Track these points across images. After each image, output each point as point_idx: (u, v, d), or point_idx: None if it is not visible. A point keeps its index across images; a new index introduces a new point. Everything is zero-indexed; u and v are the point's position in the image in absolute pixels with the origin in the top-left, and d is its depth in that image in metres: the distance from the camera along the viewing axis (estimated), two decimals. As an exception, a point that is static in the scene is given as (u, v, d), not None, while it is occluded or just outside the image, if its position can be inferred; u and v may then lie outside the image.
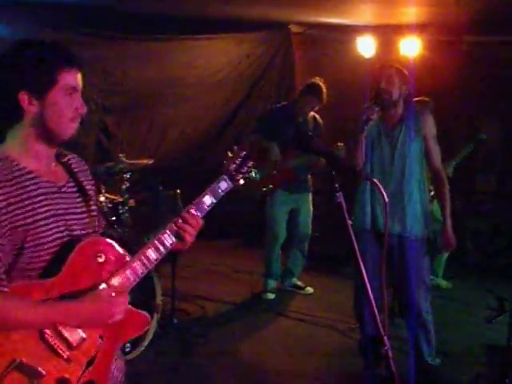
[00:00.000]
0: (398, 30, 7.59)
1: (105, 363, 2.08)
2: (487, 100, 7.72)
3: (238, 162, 2.49)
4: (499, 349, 4.63)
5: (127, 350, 4.16)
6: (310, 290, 6.46)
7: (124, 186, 5.39)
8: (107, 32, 7.41)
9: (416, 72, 6.98)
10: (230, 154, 2.52)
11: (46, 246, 2.00)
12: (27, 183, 1.99)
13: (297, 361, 4.81)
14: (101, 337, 2.06)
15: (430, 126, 4.18)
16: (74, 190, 2.17)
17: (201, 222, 2.28)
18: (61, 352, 1.98)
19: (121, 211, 5.26)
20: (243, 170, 2.47)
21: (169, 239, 2.21)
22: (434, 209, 6.38)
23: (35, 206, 1.99)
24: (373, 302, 2.16)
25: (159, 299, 4.67)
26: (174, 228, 2.22)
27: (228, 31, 8.11)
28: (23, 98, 1.99)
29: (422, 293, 4.20)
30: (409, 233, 4.14)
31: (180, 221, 2.22)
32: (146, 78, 7.76)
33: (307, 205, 6.35)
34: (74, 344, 2.00)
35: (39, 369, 1.94)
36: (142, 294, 4.11)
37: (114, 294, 2.04)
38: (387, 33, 7.75)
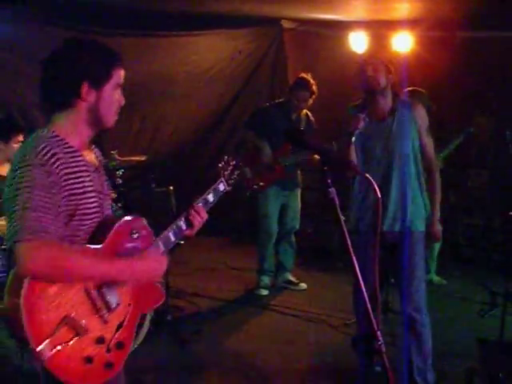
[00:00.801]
0: (391, 25, 7.60)
1: (130, 328, 2.37)
2: (480, 95, 7.73)
3: (229, 169, 2.99)
4: (492, 343, 4.65)
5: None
6: (303, 285, 6.47)
7: (116, 183, 5.38)
8: (98, 28, 7.38)
9: (408, 68, 7.02)
10: (222, 163, 2.98)
11: (89, 217, 2.25)
12: (77, 158, 2.25)
13: (291, 357, 4.82)
14: (129, 304, 2.36)
15: (422, 118, 4.11)
16: (103, 173, 2.46)
17: (206, 215, 2.73)
18: (102, 312, 2.23)
19: (113, 208, 5.24)
20: (233, 177, 3.01)
21: (183, 225, 2.63)
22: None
23: (84, 179, 2.26)
24: (366, 298, 2.16)
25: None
26: (188, 217, 2.64)
27: (220, 27, 8.10)
28: (84, 87, 2.24)
29: (422, 291, 4.13)
30: (411, 227, 4.06)
31: (193, 211, 2.66)
32: (139, 75, 7.71)
33: (296, 201, 6.38)
34: (112, 307, 2.26)
35: (84, 326, 2.16)
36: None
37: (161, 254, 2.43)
38: (379, 28, 7.75)
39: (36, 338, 2.01)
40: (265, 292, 6.30)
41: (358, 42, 7.80)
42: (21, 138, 5.03)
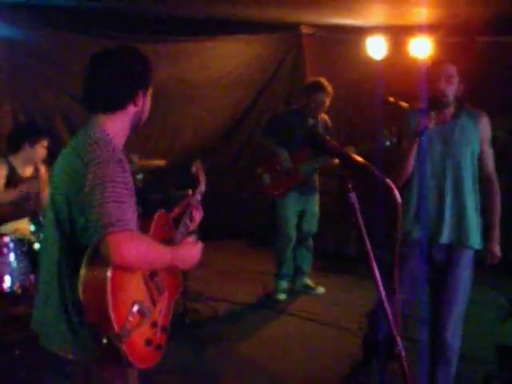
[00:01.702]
0: (409, 30, 7.59)
1: (168, 312, 2.61)
2: (500, 101, 7.69)
3: (202, 172, 3.36)
4: (510, 349, 4.62)
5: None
6: (321, 289, 6.47)
7: (136, 187, 5.42)
8: (120, 34, 7.45)
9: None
10: (193, 168, 3.38)
11: (134, 210, 2.37)
12: (123, 158, 2.36)
13: (308, 361, 4.82)
14: (167, 290, 2.59)
15: (487, 128, 3.83)
16: None
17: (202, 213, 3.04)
18: (155, 297, 2.46)
19: None
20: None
21: (188, 222, 2.90)
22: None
23: (130, 177, 2.37)
24: (385, 303, 2.16)
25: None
26: (190, 215, 2.95)
27: (239, 33, 8.13)
28: (139, 94, 2.44)
29: (462, 316, 3.91)
30: (467, 243, 3.80)
31: (192, 211, 2.97)
32: (158, 80, 7.71)
33: (315, 205, 6.37)
34: (161, 291, 2.52)
35: (147, 309, 2.36)
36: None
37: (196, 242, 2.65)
38: (398, 34, 7.74)
39: (118, 322, 2.18)
40: (283, 296, 6.30)
41: (376, 48, 7.80)
42: (45, 143, 5.10)
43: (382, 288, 2.18)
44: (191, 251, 2.59)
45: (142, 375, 2.60)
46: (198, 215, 3.00)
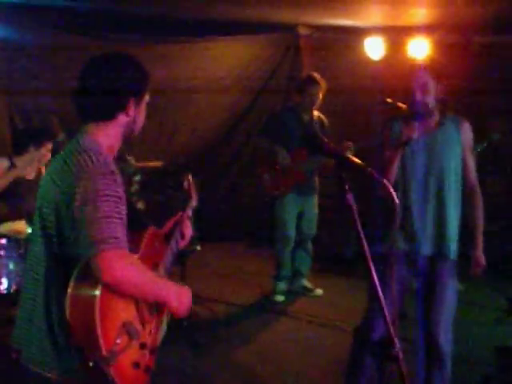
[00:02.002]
0: (407, 31, 7.57)
1: (156, 333, 2.48)
2: (498, 101, 7.68)
3: (192, 187, 3.18)
4: (509, 350, 4.62)
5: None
6: (319, 291, 6.46)
7: (133, 189, 5.41)
8: (117, 35, 7.44)
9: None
10: (185, 182, 3.19)
11: (125, 225, 2.24)
12: (115, 170, 2.26)
13: (306, 363, 4.81)
14: (157, 309, 2.45)
15: (469, 135, 3.76)
16: None
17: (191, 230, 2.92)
18: (145, 321, 2.34)
19: None
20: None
21: (179, 238, 2.80)
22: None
23: (122, 189, 2.26)
24: (383, 304, 2.15)
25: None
26: (181, 231, 2.83)
27: (237, 33, 8.11)
28: (131, 104, 2.32)
29: (448, 324, 3.88)
30: (445, 253, 3.78)
31: (183, 228, 2.85)
32: (156, 81, 7.70)
33: (313, 207, 6.36)
34: (152, 312, 2.40)
35: (136, 331, 2.25)
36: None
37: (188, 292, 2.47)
38: (396, 34, 7.73)
39: (105, 345, 2.08)
40: (281, 298, 6.29)
41: (374, 48, 7.79)
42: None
43: (379, 289, 2.17)
44: (187, 296, 2.46)
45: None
46: (188, 232, 2.89)
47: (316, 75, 6.11)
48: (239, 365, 4.81)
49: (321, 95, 6.07)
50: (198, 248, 5.36)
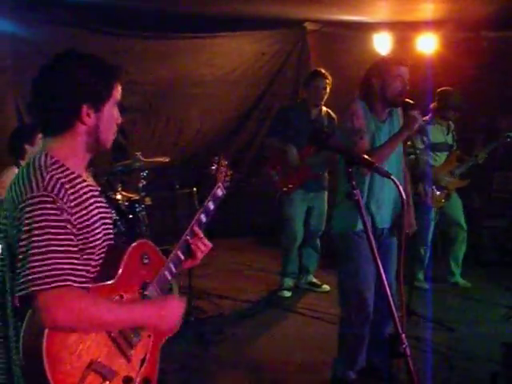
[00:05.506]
0: (415, 26, 7.55)
1: (154, 360, 2.22)
2: (506, 96, 7.65)
3: (223, 171, 2.76)
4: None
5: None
6: (326, 287, 6.44)
7: (140, 184, 5.41)
8: (123, 31, 7.44)
9: (433, 69, 6.98)
10: (215, 166, 2.76)
11: (96, 249, 2.06)
12: (80, 186, 2.04)
13: (312, 358, 4.80)
14: (149, 335, 2.21)
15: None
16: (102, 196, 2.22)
17: (210, 245, 2.49)
18: (125, 351, 2.07)
19: (137, 209, 5.29)
20: (227, 179, 2.76)
21: (180, 254, 2.39)
22: (452, 207, 6.36)
23: (90, 208, 2.04)
24: (391, 300, 2.15)
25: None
26: (185, 244, 2.43)
27: (244, 29, 8.12)
28: (84, 110, 2.03)
29: None
30: (391, 224, 4.09)
31: (194, 242, 2.43)
32: (163, 77, 7.77)
33: (323, 203, 6.32)
34: (133, 343, 2.11)
35: (111, 369, 2.01)
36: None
37: (178, 303, 2.25)
38: (404, 30, 7.71)
39: None
40: (288, 294, 6.28)
41: (382, 44, 7.77)
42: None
43: (386, 284, 2.16)
44: (170, 312, 2.21)
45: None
46: (202, 248, 2.46)
47: (321, 69, 6.10)
48: (246, 360, 4.81)
49: (328, 89, 6.05)
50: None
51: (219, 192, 2.68)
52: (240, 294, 6.26)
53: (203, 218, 2.52)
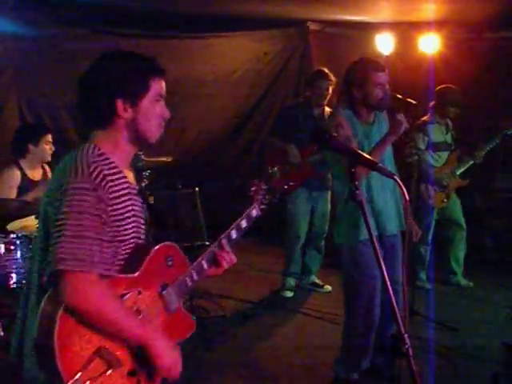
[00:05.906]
0: (417, 26, 7.55)
1: None
2: (508, 97, 7.64)
3: (262, 194, 2.90)
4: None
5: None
6: (328, 287, 6.44)
7: (143, 184, 5.41)
8: (126, 31, 7.44)
9: (435, 70, 6.97)
10: (254, 187, 2.89)
11: (125, 243, 2.14)
12: (120, 181, 2.13)
13: (315, 358, 4.80)
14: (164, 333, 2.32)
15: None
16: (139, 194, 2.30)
17: (234, 259, 2.66)
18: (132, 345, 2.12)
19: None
20: (265, 202, 2.90)
21: (204, 264, 2.55)
22: (451, 207, 6.36)
23: (126, 203, 2.14)
24: (393, 300, 2.15)
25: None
26: (212, 255, 2.57)
27: (246, 29, 8.12)
28: (119, 105, 2.13)
29: None
30: (397, 230, 4.07)
31: (220, 253, 2.59)
32: (165, 77, 7.77)
33: (326, 203, 6.32)
34: None
35: (118, 358, 2.07)
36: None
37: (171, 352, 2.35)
38: (406, 30, 7.71)
39: (67, 372, 1.93)
40: (290, 294, 6.28)
41: (384, 44, 7.76)
42: (49, 138, 5.09)
43: (389, 285, 2.17)
44: (169, 354, 2.35)
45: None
46: (228, 259, 2.62)
47: (325, 69, 6.10)
48: (248, 360, 4.80)
49: (330, 90, 6.05)
50: (207, 243, 5.36)
51: (254, 212, 2.82)
52: (242, 294, 6.26)
53: (234, 234, 2.67)
